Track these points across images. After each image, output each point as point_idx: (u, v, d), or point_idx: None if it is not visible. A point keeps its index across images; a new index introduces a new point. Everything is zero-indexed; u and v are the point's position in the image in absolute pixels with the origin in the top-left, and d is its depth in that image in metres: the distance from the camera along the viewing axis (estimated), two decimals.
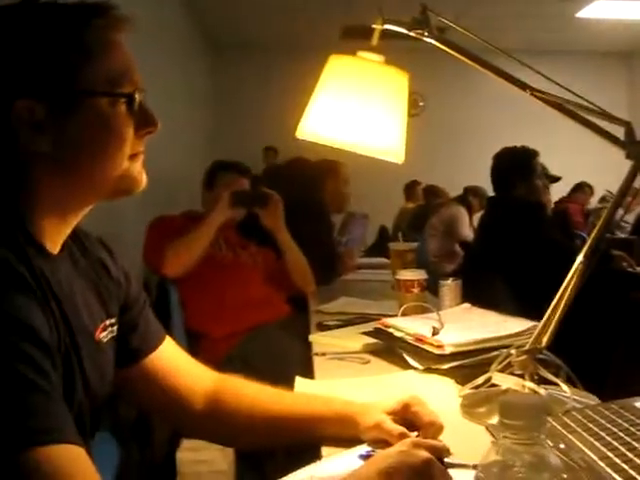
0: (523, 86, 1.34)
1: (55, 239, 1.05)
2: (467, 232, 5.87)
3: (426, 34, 1.34)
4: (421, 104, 8.99)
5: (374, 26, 1.37)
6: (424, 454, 0.94)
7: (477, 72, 1.39)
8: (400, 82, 1.40)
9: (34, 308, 0.89)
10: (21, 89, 0.96)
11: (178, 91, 5.63)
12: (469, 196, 6.53)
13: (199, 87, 7.67)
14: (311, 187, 3.79)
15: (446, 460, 1.04)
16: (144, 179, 1.09)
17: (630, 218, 6.48)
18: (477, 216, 5.55)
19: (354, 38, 6.80)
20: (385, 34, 1.40)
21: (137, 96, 1.04)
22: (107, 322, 1.16)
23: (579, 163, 8.12)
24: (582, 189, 8.36)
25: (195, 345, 2.57)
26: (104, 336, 1.14)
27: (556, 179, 3.97)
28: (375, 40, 1.38)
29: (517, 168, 3.53)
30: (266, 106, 8.62)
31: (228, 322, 2.68)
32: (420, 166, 6.18)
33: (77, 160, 1.01)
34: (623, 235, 6.20)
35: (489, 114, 9.28)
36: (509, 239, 3.32)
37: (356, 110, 1.36)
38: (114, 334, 1.18)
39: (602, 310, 2.82)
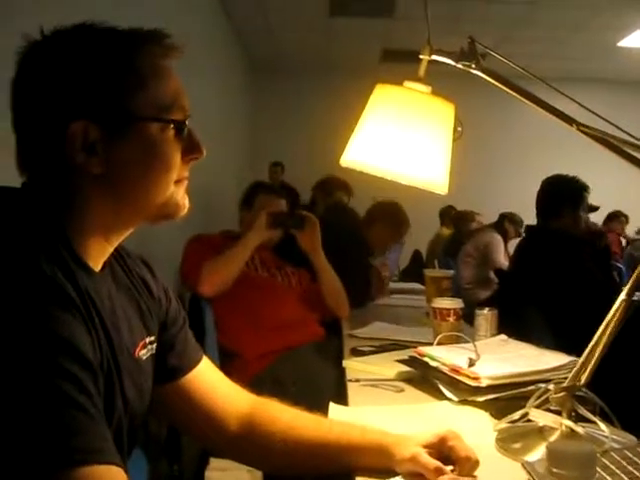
0: (569, 120, 1.33)
1: (98, 258, 1.07)
2: (502, 259, 5.78)
3: (473, 66, 1.34)
4: (459, 129, 8.94)
5: (422, 56, 1.37)
6: None
7: (513, 98, 1.36)
8: (446, 113, 1.40)
9: (79, 326, 0.90)
10: (76, 111, 0.98)
11: (219, 112, 5.68)
12: (505, 222, 6.44)
13: (238, 108, 7.73)
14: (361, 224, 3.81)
15: None
16: (187, 204, 1.10)
17: None
18: (512, 243, 5.49)
19: (394, 61, 6.84)
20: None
21: (186, 123, 1.05)
22: (147, 340, 1.16)
23: (613, 192, 7.99)
24: (618, 218, 8.19)
25: (228, 364, 2.56)
26: (144, 354, 1.15)
27: (595, 209, 3.90)
28: (422, 71, 1.38)
29: (568, 198, 3.44)
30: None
31: (262, 342, 2.67)
32: (455, 191, 6.13)
33: (125, 183, 1.03)
34: None
35: (524, 140, 9.22)
36: (551, 269, 3.25)
37: (402, 140, 1.36)
38: (153, 352, 1.19)
39: None
